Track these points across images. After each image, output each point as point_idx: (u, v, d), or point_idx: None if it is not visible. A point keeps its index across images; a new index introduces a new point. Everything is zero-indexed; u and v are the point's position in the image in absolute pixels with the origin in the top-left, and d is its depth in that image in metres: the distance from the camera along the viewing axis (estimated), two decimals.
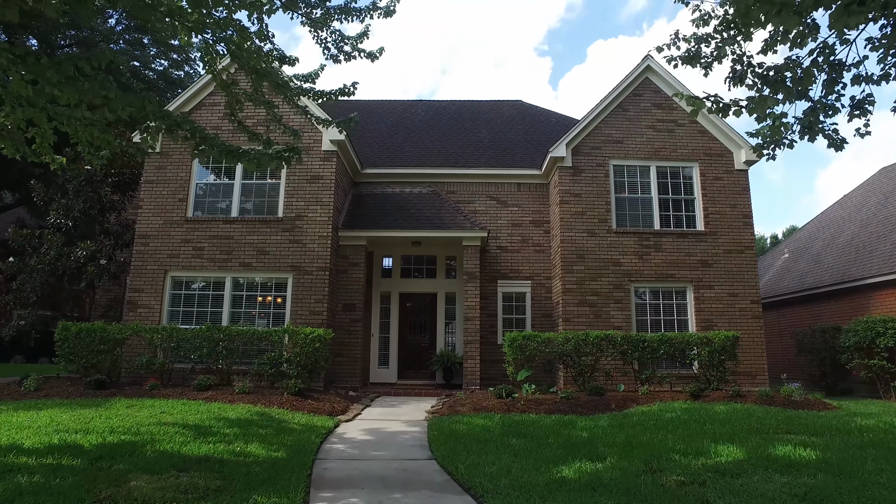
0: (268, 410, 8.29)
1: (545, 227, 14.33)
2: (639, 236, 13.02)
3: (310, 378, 10.36)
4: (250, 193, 12.58)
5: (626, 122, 13.67)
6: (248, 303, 12.02)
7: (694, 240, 13.05)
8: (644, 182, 13.44)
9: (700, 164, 13.44)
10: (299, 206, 12.32)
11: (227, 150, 5.58)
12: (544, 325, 13.65)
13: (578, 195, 13.22)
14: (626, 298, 12.72)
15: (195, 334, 10.29)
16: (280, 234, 12.18)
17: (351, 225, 12.99)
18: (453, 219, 13.18)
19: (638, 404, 9.62)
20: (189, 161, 12.59)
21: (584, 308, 12.64)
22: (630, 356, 10.91)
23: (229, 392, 9.32)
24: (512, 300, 13.99)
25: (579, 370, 10.91)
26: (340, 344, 12.35)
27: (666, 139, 13.56)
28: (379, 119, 17.96)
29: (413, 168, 14.64)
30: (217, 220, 12.29)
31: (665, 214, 13.29)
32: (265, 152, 6.03)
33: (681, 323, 12.79)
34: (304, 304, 11.80)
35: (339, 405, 9.33)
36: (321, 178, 12.44)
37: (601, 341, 10.90)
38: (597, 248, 12.95)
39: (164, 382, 10.28)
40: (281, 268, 12.02)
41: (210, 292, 12.06)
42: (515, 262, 14.15)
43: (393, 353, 13.89)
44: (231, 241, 12.16)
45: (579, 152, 13.45)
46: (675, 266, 12.89)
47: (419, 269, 14.44)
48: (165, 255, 12.12)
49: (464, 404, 9.61)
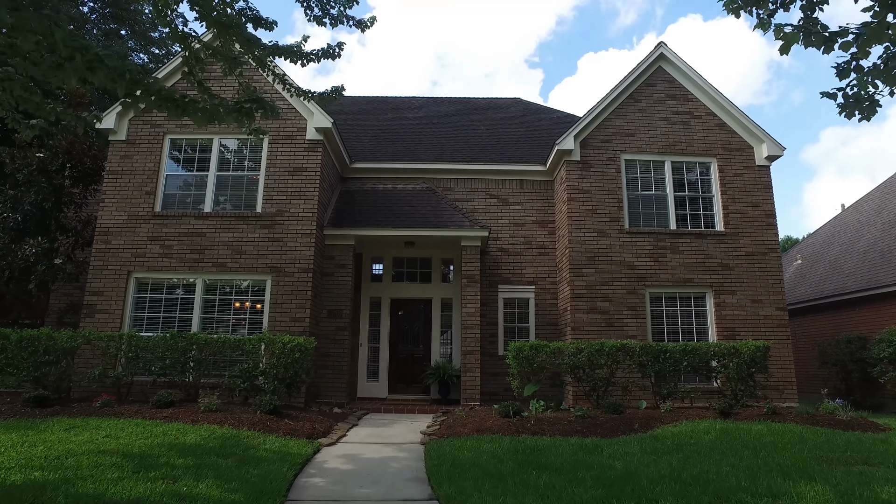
0: (235, 433, 6.99)
1: (550, 227, 13.19)
2: (654, 237, 11.91)
3: (288, 393, 9.08)
4: (226, 186, 11.33)
5: (639, 113, 12.61)
6: (221, 308, 10.72)
7: (713, 241, 11.96)
8: (658, 178, 12.36)
9: (718, 160, 12.40)
10: (280, 200, 11.08)
11: (166, 97, 4.36)
12: (549, 334, 12.46)
13: (588, 192, 12.10)
14: (641, 305, 11.58)
15: (157, 343, 8.98)
16: (258, 232, 10.92)
17: (338, 223, 11.76)
18: (451, 217, 12.00)
19: (662, 423, 8.43)
20: (159, 150, 11.33)
21: (595, 315, 11.47)
22: (649, 369, 9.73)
23: (194, 410, 8.01)
24: (514, 307, 12.80)
25: (593, 384, 9.71)
26: (325, 354, 11.07)
27: (681, 132, 12.51)
28: (370, 114, 16.80)
29: (406, 162, 13.46)
30: (188, 215, 11.01)
31: (682, 213, 12.20)
32: (219, 104, 4.82)
33: (700, 332, 11.65)
34: (285, 309, 10.53)
35: (321, 425, 8.05)
36: (305, 170, 11.22)
37: (617, 352, 9.72)
38: (608, 249, 11.81)
39: (120, 398, 8.95)
40: (259, 269, 10.75)
41: (179, 296, 10.75)
42: (518, 265, 12.98)
43: (383, 364, 12.62)
44: (203, 239, 10.88)
45: (588, 145, 12.36)
46: (694, 269, 11.78)
47: (413, 273, 13.21)
48: (129, 254, 10.81)
49: (464, 424, 8.38)
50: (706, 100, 12.70)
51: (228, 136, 11.47)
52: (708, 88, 12.58)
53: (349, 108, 16.94)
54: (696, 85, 12.70)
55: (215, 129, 11.43)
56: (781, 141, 11.98)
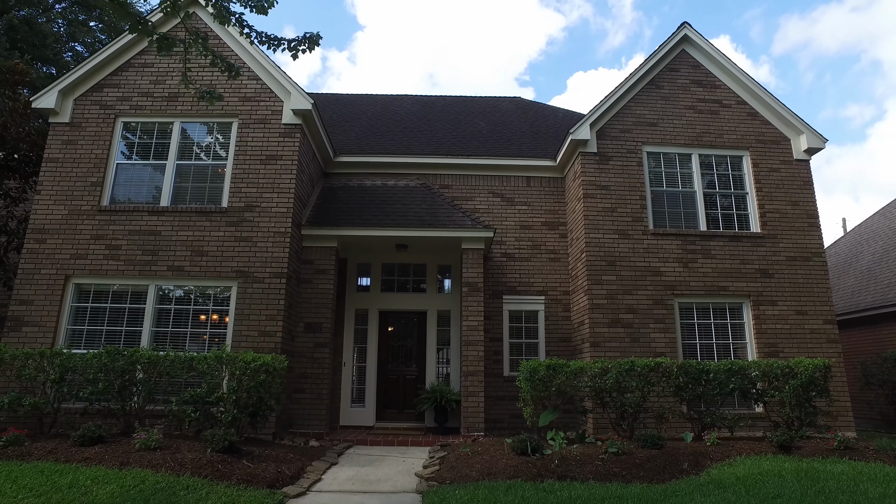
0: (171, 482, 5.27)
1: (561, 229, 11.64)
2: (682, 239, 10.40)
3: (252, 423, 7.35)
4: (187, 176, 9.67)
5: (661, 101, 11.18)
6: (177, 320, 9.00)
7: (749, 244, 10.47)
8: (685, 173, 10.89)
9: (752, 153, 10.97)
10: (250, 193, 9.45)
11: None
12: (562, 351, 10.84)
13: (606, 188, 10.59)
14: (670, 317, 10.01)
15: (88, 362, 7.24)
16: (223, 230, 9.26)
17: (318, 221, 10.13)
18: (449, 216, 10.41)
19: (714, 461, 6.81)
20: (109, 134, 9.69)
21: (618, 329, 9.88)
22: (689, 392, 8.12)
23: (127, 448, 6.27)
24: (521, 320, 11.17)
25: (621, 411, 8.09)
26: (301, 376, 9.36)
27: (709, 122, 11.09)
28: (358, 110, 15.30)
29: (398, 156, 11.90)
30: (141, 210, 9.34)
31: (712, 213, 10.71)
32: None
33: (737, 349, 10.09)
34: (253, 321, 8.83)
35: (290, 466, 6.33)
36: (280, 159, 9.61)
37: (650, 372, 8.11)
38: (631, 252, 10.27)
39: (39, 431, 7.20)
40: (223, 273, 9.07)
41: (126, 305, 9.02)
42: (525, 272, 11.39)
43: (370, 387, 10.90)
44: (158, 239, 9.20)
45: (606, 135, 10.88)
46: (728, 276, 10.25)
47: (405, 282, 11.57)
48: (68, 255, 9.10)
49: (470, 463, 6.70)
50: (736, 86, 11.31)
51: (191, 119, 9.87)
52: (738, 74, 11.20)
53: (334, 105, 15.42)
54: (725, 70, 11.32)
55: (176, 112, 9.83)
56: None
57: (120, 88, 9.96)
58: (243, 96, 9.93)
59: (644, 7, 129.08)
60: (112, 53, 9.98)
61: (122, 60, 10.10)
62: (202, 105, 9.82)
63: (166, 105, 9.88)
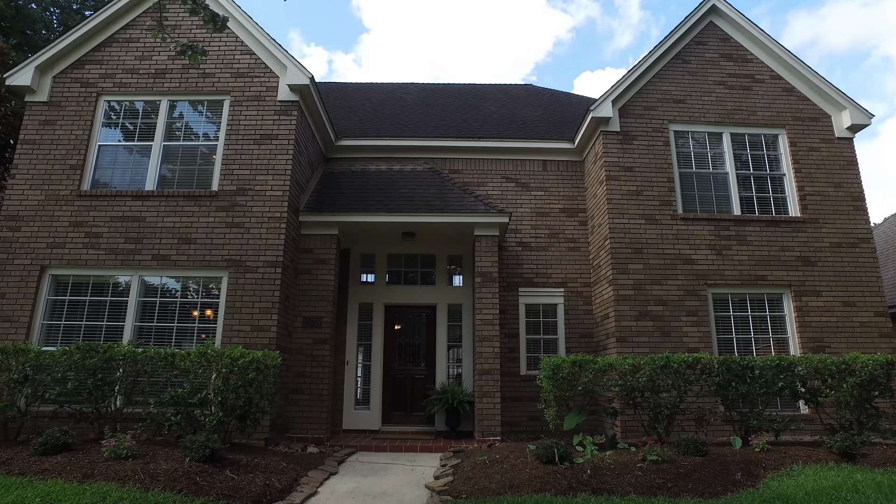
0: (137, 499, 4.44)
1: (580, 216, 10.77)
2: (714, 224, 9.50)
3: (241, 428, 6.52)
4: (175, 158, 8.89)
5: (688, 76, 10.29)
6: (163, 314, 8.20)
7: (788, 229, 9.55)
8: (716, 153, 9.99)
9: (788, 131, 10.05)
10: (243, 175, 8.65)
11: None
12: (583, 348, 9.97)
13: (631, 169, 9.71)
14: (703, 309, 9.10)
15: (56, 361, 6.44)
16: (213, 215, 8.46)
17: (317, 207, 9.32)
18: (460, 200, 9.57)
19: (768, 470, 5.91)
20: (90, 114, 8.92)
21: (646, 323, 8.99)
22: (732, 391, 7.21)
23: (95, 457, 5.45)
24: (538, 314, 10.30)
25: (655, 412, 7.20)
26: (299, 375, 8.54)
27: (741, 99, 10.19)
28: (360, 97, 14.50)
29: (404, 139, 11.08)
30: (125, 195, 8.56)
31: (746, 196, 9.81)
32: None
33: (778, 343, 9.17)
34: (245, 315, 8.02)
35: (281, 477, 5.50)
36: (275, 138, 8.81)
37: (687, 369, 7.22)
38: (659, 239, 9.38)
39: (3, 438, 6.40)
40: (212, 262, 8.27)
41: (108, 298, 8.24)
42: (542, 262, 10.52)
43: (375, 387, 10.06)
44: (143, 225, 8.41)
45: (629, 113, 10.01)
46: (766, 264, 9.34)
47: (412, 274, 10.73)
48: (45, 244, 8.33)
49: (488, 473, 5.84)
50: (770, 60, 10.40)
51: (179, 97, 9.09)
52: (772, 46, 10.30)
53: (336, 94, 14.63)
54: (758, 43, 10.42)
55: (163, 89, 9.06)
56: None
57: (103, 65, 9.20)
58: (235, 72, 9.15)
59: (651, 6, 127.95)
60: (94, 27, 9.23)
61: (105, 35, 9.34)
62: (191, 82, 9.05)
63: (153, 82, 9.11)
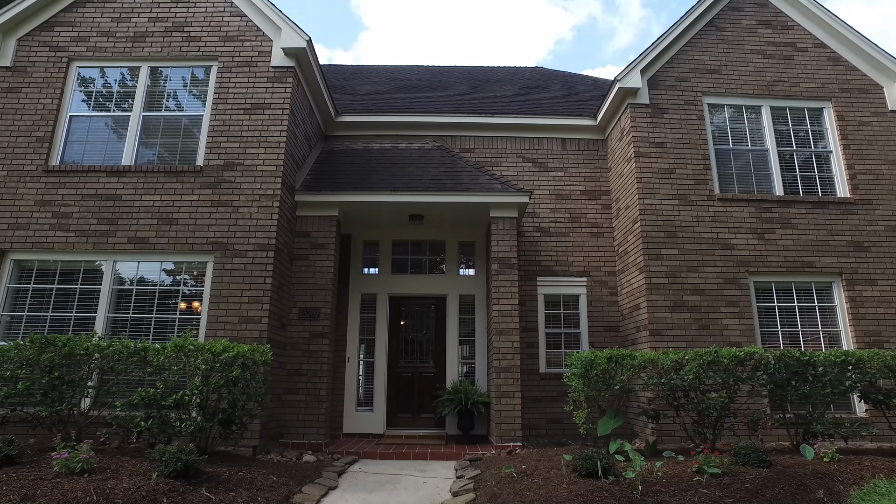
0: None
1: (603, 199, 9.82)
2: (755, 206, 8.56)
3: (225, 434, 5.57)
4: (156, 131, 7.94)
5: (723, 44, 9.36)
6: (140, 304, 7.25)
7: (838, 212, 8.61)
8: (755, 128, 9.06)
9: (834, 104, 9.12)
10: (231, 148, 7.70)
11: None
12: (608, 342, 9.04)
13: (662, 145, 8.78)
14: (745, 299, 8.16)
15: (5, 356, 5.48)
16: (197, 193, 7.51)
17: (315, 185, 8.37)
18: (474, 179, 8.62)
19: (845, 485, 5.00)
20: (61, 81, 7.97)
21: (682, 314, 8.04)
22: (792, 391, 6.26)
23: (44, 470, 4.50)
24: (558, 306, 9.36)
25: (701, 414, 6.26)
26: (294, 373, 7.59)
27: (781, 69, 9.25)
28: (362, 77, 13.55)
29: (411, 114, 10.12)
30: (98, 170, 7.61)
31: (789, 175, 8.88)
32: None
33: (828, 337, 8.23)
34: (232, 304, 7.07)
35: (269, 495, 4.55)
36: (268, 107, 7.86)
37: (737, 365, 6.28)
38: (695, 221, 8.44)
39: None
40: (197, 246, 7.31)
41: (78, 286, 7.28)
42: (563, 249, 9.57)
43: (380, 387, 9.10)
44: (118, 204, 7.46)
45: (659, 84, 9.07)
46: (814, 250, 8.41)
47: (420, 262, 9.79)
48: (6, 225, 7.37)
49: (519, 490, 4.89)
50: (813, 26, 9.47)
51: (161, 63, 8.14)
52: (816, 11, 9.37)
53: (334, 75, 13.67)
54: (799, 7, 9.49)
55: (143, 55, 8.11)
56: None
57: (75, 27, 8.25)
58: (224, 35, 8.20)
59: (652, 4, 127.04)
60: None
61: None
62: (174, 46, 8.10)
63: (131, 47, 8.16)
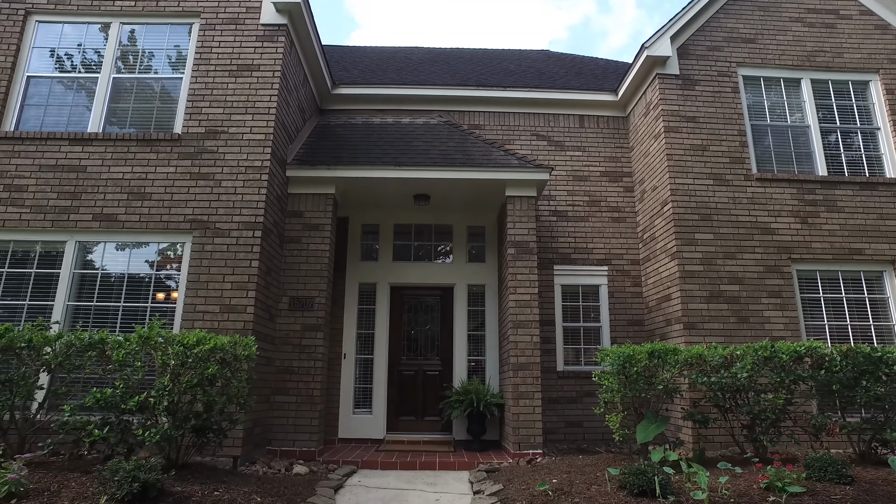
0: None
1: (625, 182, 8.97)
2: (797, 186, 7.73)
3: (199, 443, 4.65)
4: (127, 95, 6.98)
5: (759, 11, 8.53)
6: (105, 292, 6.30)
7: (888, 194, 7.81)
8: (794, 103, 8.23)
9: (882, 77, 8.32)
10: (214, 114, 6.76)
11: None
12: (631, 337, 8.19)
13: (693, 119, 7.93)
14: (788, 289, 7.33)
15: None
16: (174, 164, 6.56)
17: (309, 160, 7.44)
18: (487, 155, 7.73)
19: None
20: (16, 36, 7.00)
21: (719, 305, 7.20)
22: (862, 393, 5.41)
23: None
24: (577, 298, 8.50)
25: (755, 418, 5.41)
26: (284, 371, 6.66)
27: (824, 38, 8.43)
28: (360, 55, 12.63)
29: (415, 87, 9.21)
30: (60, 138, 6.64)
31: (833, 154, 8.06)
32: None
33: (880, 332, 7.42)
34: (213, 292, 6.13)
35: None
36: (257, 69, 6.93)
37: (794, 363, 5.44)
38: (731, 203, 7.60)
39: None
40: (172, 224, 6.37)
41: (33, 270, 6.33)
42: (581, 235, 8.71)
43: (379, 387, 8.19)
44: (83, 177, 6.50)
45: (689, 54, 8.22)
46: (862, 236, 7.59)
47: (425, 248, 8.88)
48: None
49: None
50: None
51: (136, 20, 7.19)
52: None
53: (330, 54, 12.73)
54: None
55: (114, 9, 7.15)
56: None
57: None
58: None
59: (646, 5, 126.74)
60: None
61: None
62: (151, 0, 7.14)
63: (101, 0, 7.19)
